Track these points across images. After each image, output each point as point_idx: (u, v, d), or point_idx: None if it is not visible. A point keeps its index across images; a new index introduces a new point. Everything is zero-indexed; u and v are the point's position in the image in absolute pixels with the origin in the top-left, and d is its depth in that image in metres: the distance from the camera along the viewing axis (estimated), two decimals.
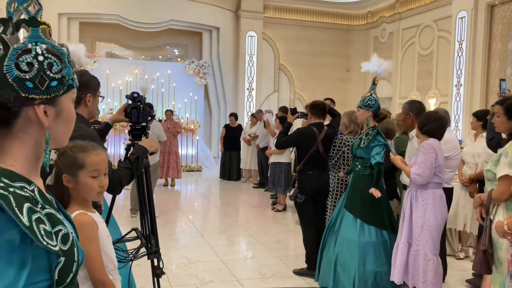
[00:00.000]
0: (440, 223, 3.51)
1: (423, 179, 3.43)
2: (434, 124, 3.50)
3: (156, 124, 7.12)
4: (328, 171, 4.75)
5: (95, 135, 2.42)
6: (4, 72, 0.93)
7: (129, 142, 2.83)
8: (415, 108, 4.16)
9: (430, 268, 3.42)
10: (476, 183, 4.49)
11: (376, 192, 3.77)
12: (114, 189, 2.29)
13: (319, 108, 4.57)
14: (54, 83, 0.98)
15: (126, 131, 8.76)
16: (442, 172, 3.55)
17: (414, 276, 3.50)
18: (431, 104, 11.30)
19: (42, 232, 0.91)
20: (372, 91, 4.02)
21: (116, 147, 11.03)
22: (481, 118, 4.82)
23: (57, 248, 0.94)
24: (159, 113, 11.57)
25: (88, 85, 2.43)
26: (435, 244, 3.48)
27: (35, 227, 0.89)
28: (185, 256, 5.01)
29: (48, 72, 0.97)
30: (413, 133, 4.10)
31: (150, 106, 6.81)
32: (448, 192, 3.99)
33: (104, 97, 2.69)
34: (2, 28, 0.96)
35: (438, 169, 3.47)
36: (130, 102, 2.83)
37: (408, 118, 4.18)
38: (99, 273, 1.72)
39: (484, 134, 4.80)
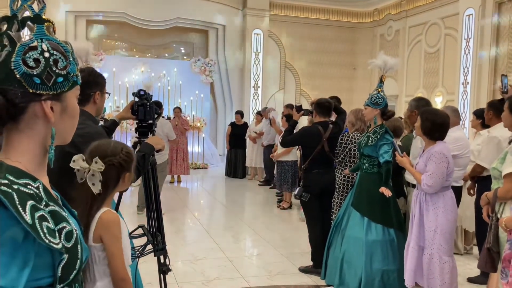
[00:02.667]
0: (453, 225, 3.45)
1: (434, 189, 3.35)
2: (441, 129, 3.39)
3: (165, 122, 7.10)
4: (334, 168, 4.74)
5: (102, 132, 2.44)
6: (12, 68, 0.94)
7: (136, 139, 2.84)
8: (421, 106, 4.12)
9: (446, 270, 3.37)
10: (475, 181, 4.46)
11: (386, 191, 3.75)
12: None
13: (324, 107, 4.54)
14: (60, 79, 1.00)
15: (133, 129, 8.79)
16: (452, 175, 3.46)
17: (429, 279, 3.43)
18: (437, 102, 11.25)
19: (45, 230, 0.91)
20: (379, 89, 4.00)
21: None
22: (481, 116, 4.79)
23: (59, 246, 0.94)
24: (166, 111, 11.60)
25: (97, 83, 2.46)
26: (449, 245, 3.42)
27: (37, 225, 0.90)
28: (191, 253, 5.03)
29: (54, 68, 0.98)
30: None
31: (159, 104, 6.85)
32: (457, 191, 3.95)
33: (110, 94, 2.71)
34: (6, 25, 0.97)
35: (448, 175, 3.40)
36: (136, 99, 2.84)
37: (413, 116, 4.14)
38: (121, 270, 1.74)
39: (482, 132, 4.78)
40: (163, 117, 8.10)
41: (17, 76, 0.94)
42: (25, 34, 1.00)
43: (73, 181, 2.25)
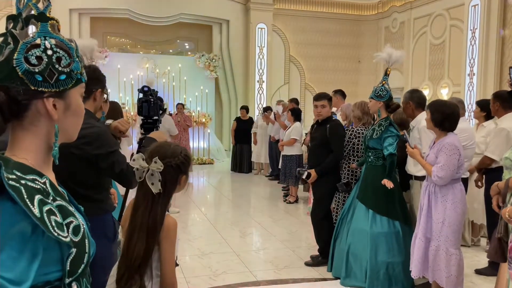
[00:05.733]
0: (461, 217, 3.42)
1: (445, 181, 3.31)
2: (452, 119, 3.36)
3: (166, 118, 7.09)
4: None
5: (107, 131, 2.44)
6: (14, 65, 0.95)
7: (142, 135, 2.84)
8: (415, 97, 4.10)
9: (453, 262, 3.35)
10: (483, 173, 4.43)
11: (388, 183, 3.76)
12: (131, 183, 2.31)
13: (331, 98, 4.64)
14: (63, 77, 1.00)
15: (138, 125, 8.81)
16: (462, 167, 3.42)
17: (435, 271, 3.41)
18: (443, 94, 11.19)
19: (53, 223, 0.92)
20: (384, 82, 4.00)
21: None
22: (485, 108, 4.74)
23: (68, 239, 0.96)
24: (170, 107, 11.62)
25: (99, 81, 2.47)
26: (456, 238, 3.40)
27: (46, 218, 0.91)
28: (198, 248, 5.05)
29: (56, 66, 0.99)
30: (414, 123, 4.06)
31: (160, 99, 6.83)
32: (463, 182, 3.94)
33: (109, 94, 2.69)
34: (12, 23, 0.98)
35: (459, 167, 3.36)
36: (141, 95, 2.84)
37: (408, 108, 4.13)
38: (172, 274, 1.77)
39: (485, 123, 4.74)
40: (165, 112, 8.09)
41: (19, 73, 0.95)
42: (33, 32, 1.01)
43: (77, 178, 2.27)
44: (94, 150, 2.19)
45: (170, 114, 9.23)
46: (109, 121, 2.81)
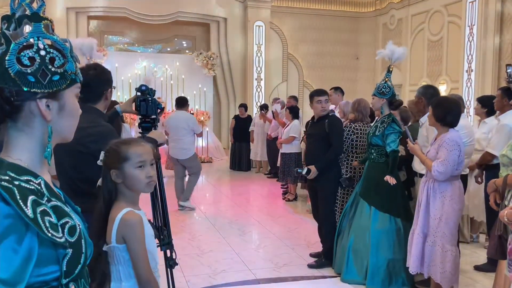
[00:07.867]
0: (458, 214, 3.43)
1: (445, 176, 3.30)
2: (454, 113, 3.34)
3: (189, 116, 6.92)
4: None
5: (113, 130, 2.45)
6: (6, 66, 0.94)
7: (140, 135, 2.84)
8: (429, 94, 4.06)
9: (448, 258, 3.36)
10: (483, 169, 4.44)
11: (391, 180, 3.76)
12: None
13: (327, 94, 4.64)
14: (56, 77, 0.99)
15: (136, 124, 8.77)
16: (462, 164, 3.41)
17: (430, 267, 3.43)
18: (441, 91, 11.18)
19: (47, 224, 0.92)
20: (387, 79, 4.00)
21: None
22: (486, 104, 4.73)
23: (62, 240, 0.95)
24: (169, 106, 11.60)
25: (109, 80, 2.52)
26: (453, 234, 3.40)
27: (39, 219, 0.90)
28: (197, 247, 5.05)
29: (50, 67, 0.97)
30: (423, 119, 4.04)
31: (184, 100, 6.80)
32: (463, 179, 3.93)
33: (115, 87, 2.74)
34: (6, 24, 0.97)
35: (459, 164, 3.35)
36: (139, 94, 2.83)
37: (419, 103, 4.10)
38: (145, 271, 1.73)
39: (487, 119, 4.73)
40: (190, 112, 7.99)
41: (11, 74, 0.94)
42: (25, 32, 1.00)
43: (84, 176, 2.28)
44: (99, 148, 2.21)
45: (192, 113, 9.00)
46: (117, 106, 2.87)
